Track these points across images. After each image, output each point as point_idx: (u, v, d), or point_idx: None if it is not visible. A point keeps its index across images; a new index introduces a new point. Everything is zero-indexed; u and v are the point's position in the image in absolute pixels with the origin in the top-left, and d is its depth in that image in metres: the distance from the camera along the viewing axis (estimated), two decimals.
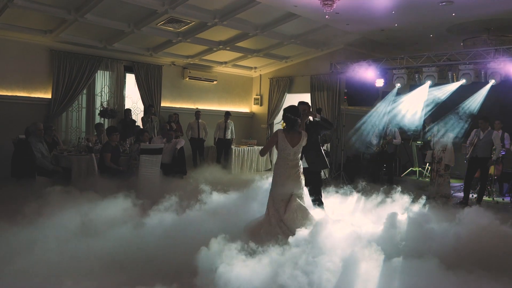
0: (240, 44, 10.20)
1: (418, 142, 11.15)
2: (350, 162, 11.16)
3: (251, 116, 13.66)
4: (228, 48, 10.37)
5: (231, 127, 11.57)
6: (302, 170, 4.92)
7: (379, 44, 10.71)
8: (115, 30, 8.80)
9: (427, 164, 10.48)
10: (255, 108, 13.63)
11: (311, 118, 5.55)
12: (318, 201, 5.44)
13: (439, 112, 9.67)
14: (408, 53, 9.78)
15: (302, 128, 5.02)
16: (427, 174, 10.67)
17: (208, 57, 11.20)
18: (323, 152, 5.70)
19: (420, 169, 11.35)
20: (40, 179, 6.77)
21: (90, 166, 6.87)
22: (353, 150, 11.42)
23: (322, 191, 5.83)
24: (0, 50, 8.64)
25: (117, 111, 9.24)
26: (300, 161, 4.94)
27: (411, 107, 10.32)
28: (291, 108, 4.91)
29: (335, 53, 11.22)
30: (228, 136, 11.59)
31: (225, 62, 11.92)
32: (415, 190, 9.29)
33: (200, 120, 11.30)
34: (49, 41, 9.09)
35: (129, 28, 8.63)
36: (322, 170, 5.94)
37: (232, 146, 11.93)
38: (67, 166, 7.18)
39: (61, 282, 3.51)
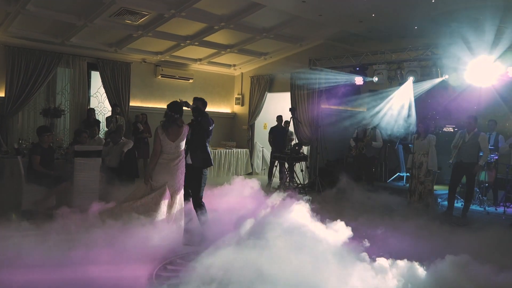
0: (208, 38, 9.51)
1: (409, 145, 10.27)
2: (331, 166, 10.33)
3: (232, 116, 12.95)
4: (196, 43, 9.69)
5: None
6: (183, 165, 5.13)
7: (362, 38, 9.86)
8: (66, 24, 8.22)
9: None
10: (237, 108, 12.92)
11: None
12: (195, 199, 5.44)
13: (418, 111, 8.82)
14: (390, 47, 8.94)
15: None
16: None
17: (179, 53, 10.55)
18: (208, 149, 5.57)
19: (408, 174, 10.44)
20: None
21: (16, 169, 6.26)
22: (336, 153, 10.64)
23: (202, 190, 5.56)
24: None
25: (61, 109, 8.64)
26: (182, 156, 5.15)
27: (397, 106, 9.48)
28: (171, 104, 5.28)
29: (315, 49, 10.44)
30: None
31: (200, 59, 11.27)
32: (393, 198, 8.56)
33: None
34: (3, 36, 8.58)
35: (80, 21, 8.02)
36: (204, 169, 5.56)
37: None
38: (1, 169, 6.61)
39: None
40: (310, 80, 10.39)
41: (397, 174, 10.51)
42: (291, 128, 10.54)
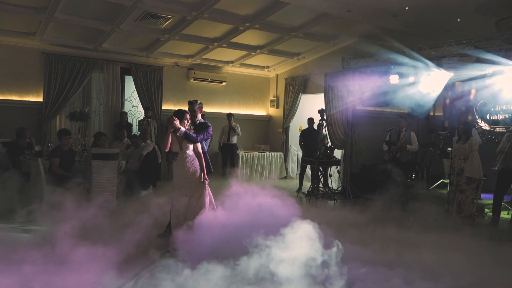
0: (236, 40, 9.36)
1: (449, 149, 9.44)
2: (366, 171, 9.75)
3: (267, 119, 12.70)
4: (225, 45, 9.59)
5: (237, 129, 10.69)
6: (192, 164, 5.18)
7: (399, 34, 9.20)
8: (95, 30, 8.45)
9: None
10: (272, 111, 12.65)
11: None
12: None
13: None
14: (428, 42, 8.24)
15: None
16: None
17: (210, 56, 10.51)
18: (207, 156, 5.58)
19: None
20: None
21: (37, 171, 6.46)
22: (373, 158, 10.03)
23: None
24: None
25: (87, 113, 8.86)
26: (189, 155, 5.19)
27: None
28: (177, 112, 5.33)
29: (348, 48, 9.92)
30: (234, 140, 10.76)
31: (232, 61, 11.16)
32: (431, 207, 7.88)
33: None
34: (41, 44, 9.00)
35: (107, 26, 8.20)
36: None
37: (239, 152, 11.09)
38: (27, 171, 6.87)
39: None
40: (343, 80, 9.91)
41: (440, 181, 9.71)
42: (325, 130, 10.12)
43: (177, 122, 5.06)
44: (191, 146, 5.17)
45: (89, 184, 6.61)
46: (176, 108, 10.85)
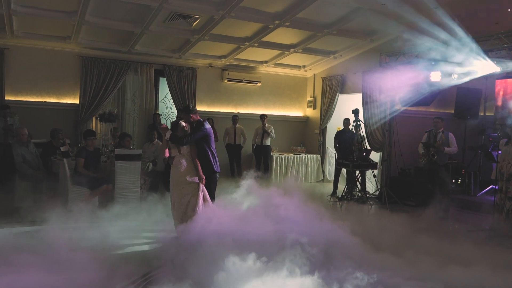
0: (267, 39, 9.11)
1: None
2: (405, 176, 9.13)
3: (305, 120, 12.33)
4: (256, 44, 9.38)
5: (271, 131, 10.44)
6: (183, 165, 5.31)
7: (442, 28, 8.53)
8: (125, 32, 8.55)
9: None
10: (309, 112, 12.26)
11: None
12: None
13: None
14: (477, 35, 7.55)
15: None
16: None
17: (243, 56, 10.34)
18: (210, 156, 5.56)
19: None
20: (21, 183, 6.71)
21: (63, 171, 6.58)
22: (414, 161, 9.38)
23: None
24: (30, 59, 9.06)
25: (116, 115, 8.95)
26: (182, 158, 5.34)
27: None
28: (172, 124, 5.67)
29: (387, 44, 9.33)
30: (267, 142, 10.51)
31: (266, 61, 10.92)
32: (476, 216, 7.21)
33: (237, 125, 10.46)
34: (77, 47, 9.27)
35: (137, 28, 8.26)
36: None
37: (273, 154, 10.82)
38: (57, 171, 7.03)
39: None
40: (382, 78, 9.35)
41: (490, 187, 8.88)
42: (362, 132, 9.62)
43: (166, 130, 5.40)
44: (187, 149, 5.30)
45: (113, 185, 6.64)
46: (211, 109, 10.97)
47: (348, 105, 10.74)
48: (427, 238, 5.92)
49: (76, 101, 9.48)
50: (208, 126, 5.56)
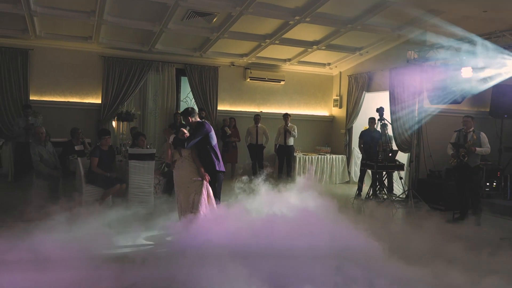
0: (288, 35, 8.83)
1: None
2: (434, 178, 8.61)
3: (330, 120, 11.95)
4: (277, 42, 9.12)
5: (294, 130, 10.16)
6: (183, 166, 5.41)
7: (474, 20, 7.98)
8: (145, 31, 8.50)
9: None
10: (335, 111, 11.87)
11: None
12: None
13: None
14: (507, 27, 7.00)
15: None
16: None
17: (266, 54, 10.11)
18: (212, 155, 5.56)
19: None
20: (38, 181, 6.77)
21: (77, 170, 6.57)
22: (442, 163, 8.86)
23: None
24: (54, 59, 9.21)
25: (133, 114, 8.91)
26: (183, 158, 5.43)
27: None
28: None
29: (416, 39, 8.84)
30: (290, 142, 10.23)
31: (289, 59, 10.64)
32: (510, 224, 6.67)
33: (259, 125, 10.25)
34: (98, 47, 9.34)
35: (155, 27, 8.20)
36: None
37: (296, 154, 10.53)
38: (74, 170, 7.05)
39: None
40: (410, 75, 8.89)
41: None
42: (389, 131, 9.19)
43: (170, 133, 5.48)
44: (188, 151, 5.38)
45: (127, 184, 6.58)
46: (233, 108, 10.81)
47: (375, 103, 10.28)
48: (455, 246, 5.49)
49: (98, 100, 9.56)
50: (207, 125, 5.54)
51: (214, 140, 5.60)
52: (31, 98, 8.95)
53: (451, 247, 5.44)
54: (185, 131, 5.44)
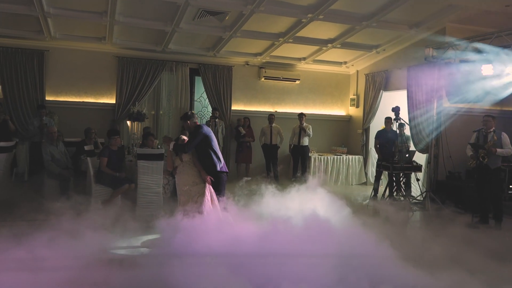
0: (302, 34, 8.67)
1: None
2: (453, 180, 8.29)
3: (347, 119, 11.70)
4: (291, 40, 8.97)
5: (309, 129, 9.98)
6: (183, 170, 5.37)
7: (496, 16, 7.64)
8: (157, 31, 8.49)
9: None
10: (352, 111, 11.62)
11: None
12: None
13: None
14: None
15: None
16: None
17: (280, 53, 9.97)
18: (213, 156, 5.46)
19: None
20: (49, 181, 6.82)
21: (88, 170, 6.60)
22: (463, 164, 8.52)
23: None
24: (69, 60, 9.30)
25: (144, 114, 8.89)
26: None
27: None
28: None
29: (435, 36, 8.52)
30: (305, 142, 10.06)
31: (304, 58, 10.46)
32: None
33: (273, 125, 10.12)
34: (112, 48, 9.39)
35: (167, 26, 8.17)
36: None
37: (311, 154, 10.35)
38: (85, 170, 7.09)
39: None
40: (429, 73, 8.60)
41: None
42: (407, 131, 8.92)
43: (170, 141, 5.59)
44: (189, 155, 5.37)
45: (135, 185, 6.56)
46: (247, 108, 10.71)
47: (392, 103, 9.98)
48: (474, 253, 5.22)
49: (113, 100, 9.61)
50: (205, 128, 5.50)
51: (214, 141, 5.55)
52: (47, 98, 9.07)
53: (470, 254, 5.18)
54: (184, 137, 5.47)
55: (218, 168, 5.44)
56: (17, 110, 8.80)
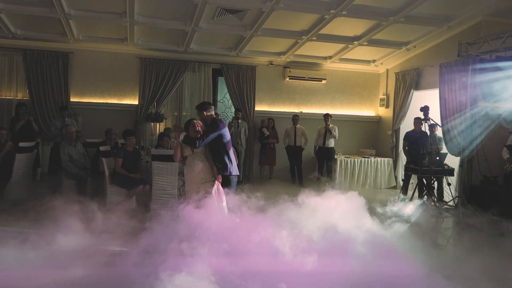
0: (325, 31, 8.34)
1: None
2: (489, 184, 7.69)
3: (377, 120, 11.21)
4: (314, 38, 8.65)
5: (335, 131, 9.62)
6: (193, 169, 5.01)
7: None
8: (177, 31, 8.40)
9: None
10: (382, 111, 11.13)
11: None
12: None
13: None
14: None
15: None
16: None
17: (304, 52, 9.66)
18: (224, 156, 5.13)
19: None
20: (67, 181, 6.85)
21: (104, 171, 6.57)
22: (498, 168, 7.91)
23: None
24: (93, 61, 9.40)
25: (162, 114, 8.79)
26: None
27: None
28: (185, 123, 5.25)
29: (470, 31, 7.99)
30: (331, 144, 9.70)
31: (330, 57, 10.09)
32: None
33: (297, 126, 9.83)
34: (135, 49, 9.42)
35: (187, 26, 8.07)
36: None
37: (337, 156, 9.97)
38: (103, 171, 7.08)
39: None
40: (463, 71, 8.06)
41: None
42: (439, 132, 8.43)
43: (181, 130, 5.06)
44: (201, 148, 4.99)
45: (149, 186, 6.48)
46: (271, 109, 10.47)
47: (424, 102, 9.47)
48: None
49: (136, 101, 9.63)
50: (222, 123, 5.14)
51: (228, 141, 5.22)
52: (71, 99, 9.20)
53: (506, 267, 4.73)
54: (197, 122, 5.06)
55: (228, 172, 5.11)
56: (42, 112, 8.96)
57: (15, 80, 9.00)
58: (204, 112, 5.17)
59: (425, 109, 7.41)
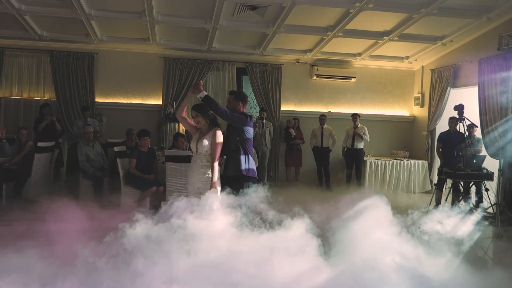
0: (351, 26, 7.87)
1: None
2: None
3: (411, 120, 10.58)
4: (341, 34, 8.21)
5: (364, 133, 9.15)
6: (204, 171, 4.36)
7: None
8: (198, 29, 8.23)
9: None
10: (416, 111, 10.48)
11: None
12: None
13: None
14: None
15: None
16: None
17: (331, 49, 9.23)
18: (241, 157, 4.49)
19: None
20: (84, 181, 6.84)
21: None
22: None
23: None
24: (117, 62, 9.43)
25: None
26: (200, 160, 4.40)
27: None
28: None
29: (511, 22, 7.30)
30: (360, 145, 9.22)
31: (359, 54, 9.60)
32: None
33: (325, 126, 9.42)
34: (159, 49, 9.36)
35: (207, 24, 7.88)
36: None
37: (366, 158, 9.47)
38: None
39: None
40: (503, 66, 7.38)
41: None
42: (478, 133, 7.79)
43: (199, 90, 4.30)
44: (206, 148, 4.29)
45: (163, 187, 6.33)
46: (298, 109, 10.11)
47: (461, 101, 8.80)
48: None
49: (159, 102, 9.58)
50: (251, 121, 4.56)
51: (249, 134, 4.56)
52: (96, 100, 9.27)
53: None
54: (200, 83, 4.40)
55: (245, 172, 4.48)
56: (68, 112, 9.08)
57: (42, 81, 9.18)
58: (240, 102, 4.57)
59: (459, 108, 6.81)
